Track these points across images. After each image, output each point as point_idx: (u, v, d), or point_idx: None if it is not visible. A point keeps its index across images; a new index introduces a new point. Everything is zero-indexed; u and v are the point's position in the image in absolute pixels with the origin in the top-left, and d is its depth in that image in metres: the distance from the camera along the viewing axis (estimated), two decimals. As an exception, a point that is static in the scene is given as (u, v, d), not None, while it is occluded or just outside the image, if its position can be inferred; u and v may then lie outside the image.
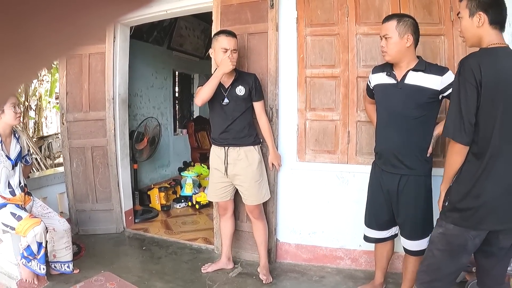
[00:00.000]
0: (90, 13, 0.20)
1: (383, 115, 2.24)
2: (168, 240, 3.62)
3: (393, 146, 2.17)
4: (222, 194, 2.78)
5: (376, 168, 2.31)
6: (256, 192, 2.69)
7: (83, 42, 0.22)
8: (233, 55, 2.51)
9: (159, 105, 5.81)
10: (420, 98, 2.06)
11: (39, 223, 2.46)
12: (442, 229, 1.72)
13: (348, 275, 2.83)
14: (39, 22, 0.19)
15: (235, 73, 2.63)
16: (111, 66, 3.60)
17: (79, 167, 3.69)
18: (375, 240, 2.41)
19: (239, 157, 2.64)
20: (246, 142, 2.65)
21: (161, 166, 5.84)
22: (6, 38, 0.18)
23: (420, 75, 2.07)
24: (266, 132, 2.73)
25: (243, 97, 2.61)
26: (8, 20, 0.18)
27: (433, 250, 1.77)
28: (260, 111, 2.69)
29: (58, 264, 2.76)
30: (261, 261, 2.81)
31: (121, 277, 2.77)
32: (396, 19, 2.07)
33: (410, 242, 2.22)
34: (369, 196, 2.38)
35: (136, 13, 0.22)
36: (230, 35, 2.54)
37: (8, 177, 2.58)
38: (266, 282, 2.70)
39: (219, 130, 2.67)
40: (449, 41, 2.61)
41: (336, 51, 2.84)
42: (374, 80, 2.28)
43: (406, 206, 2.18)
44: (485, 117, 1.57)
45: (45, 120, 7.93)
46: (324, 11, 2.85)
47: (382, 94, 2.24)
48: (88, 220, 3.71)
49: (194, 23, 6.09)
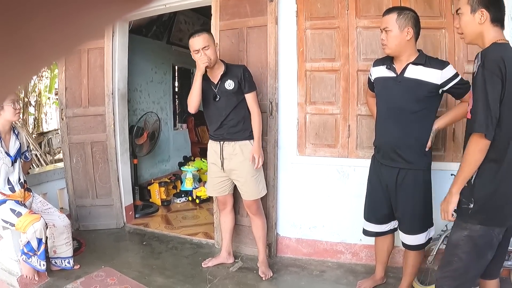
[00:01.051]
0: (90, 14, 0.19)
1: (382, 109, 2.23)
2: (168, 235, 3.62)
3: (392, 139, 2.16)
4: (220, 189, 2.77)
5: (375, 161, 2.31)
6: (253, 187, 2.67)
7: (83, 42, 0.21)
8: (205, 52, 2.47)
9: (158, 100, 5.79)
10: (420, 92, 2.05)
11: (38, 219, 2.46)
12: (467, 231, 1.64)
13: (348, 269, 2.84)
14: (39, 22, 0.18)
15: (224, 67, 2.59)
16: (110, 61, 3.58)
17: (79, 162, 3.69)
18: (375, 234, 2.41)
19: (234, 152, 2.62)
20: (241, 136, 2.62)
21: (161, 161, 5.84)
22: (6, 37, 0.18)
23: (420, 68, 2.05)
24: (255, 124, 2.62)
25: (233, 91, 2.56)
26: (8, 20, 0.17)
27: (459, 254, 1.68)
28: (251, 102, 2.62)
29: (58, 260, 2.76)
30: (260, 256, 2.81)
31: (122, 273, 2.78)
32: (396, 12, 2.05)
33: (408, 236, 2.22)
34: (368, 190, 2.38)
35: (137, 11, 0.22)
36: (196, 35, 2.49)
37: (8, 174, 2.58)
38: (266, 278, 2.70)
39: (214, 127, 2.66)
40: (450, 34, 2.59)
41: (336, 44, 2.82)
42: (375, 73, 2.27)
43: (404, 201, 2.17)
44: (508, 112, 1.53)
45: (44, 116, 7.92)
46: (324, 4, 2.82)
47: (381, 87, 2.23)
48: (88, 215, 3.71)
49: (193, 17, 6.06)
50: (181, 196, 4.79)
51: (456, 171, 2.60)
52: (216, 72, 2.58)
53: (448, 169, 2.57)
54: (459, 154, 2.64)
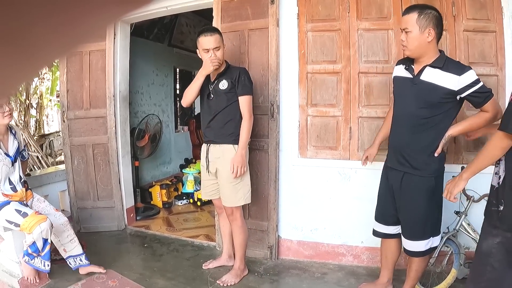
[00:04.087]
0: (90, 12, 0.19)
1: (396, 111, 2.17)
2: (169, 237, 3.61)
3: (399, 143, 2.14)
4: (211, 192, 2.72)
5: (386, 162, 2.30)
6: (229, 193, 2.57)
7: (83, 41, 0.21)
8: (216, 53, 2.44)
9: (160, 102, 5.80)
10: (433, 97, 1.95)
11: (45, 219, 2.46)
12: (498, 238, 1.57)
13: (350, 271, 2.83)
14: (39, 21, 0.18)
15: (225, 67, 2.57)
16: (111, 63, 3.59)
17: (80, 164, 3.69)
18: (383, 235, 2.37)
19: (217, 155, 2.57)
20: (225, 140, 2.54)
21: (162, 163, 5.84)
22: (6, 37, 0.18)
23: (437, 72, 1.94)
24: (243, 129, 2.50)
25: (225, 91, 2.51)
26: (9, 19, 0.17)
27: (492, 263, 1.59)
28: (243, 106, 2.50)
29: (71, 259, 2.73)
30: (235, 263, 2.73)
31: (123, 275, 2.78)
32: (417, 12, 1.91)
33: (407, 241, 2.18)
34: (379, 190, 2.36)
35: (137, 11, 0.22)
36: (209, 34, 2.44)
37: (8, 174, 2.58)
38: (223, 284, 2.61)
39: (203, 126, 2.64)
40: (451, 36, 2.59)
41: (337, 46, 2.83)
42: (395, 72, 2.19)
43: (405, 205, 2.15)
44: None
45: (46, 118, 7.93)
46: (325, 6, 2.83)
47: (397, 88, 2.17)
48: (89, 217, 3.71)
49: (195, 20, 6.08)
50: (183, 198, 4.79)
51: (456, 173, 2.61)
52: (215, 71, 2.56)
53: (449, 171, 2.57)
54: (460, 156, 2.64)
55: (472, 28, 2.57)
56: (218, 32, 2.51)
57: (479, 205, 2.44)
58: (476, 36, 2.57)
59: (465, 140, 2.60)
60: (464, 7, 2.56)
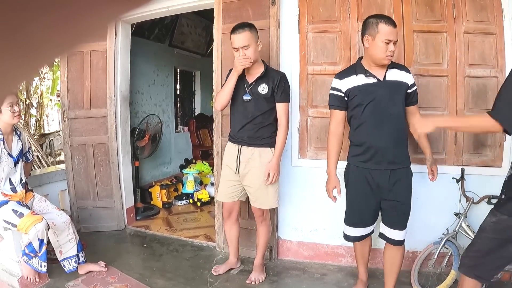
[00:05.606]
0: (90, 11, 0.20)
1: (369, 115, 2.17)
2: (169, 237, 3.62)
3: (386, 144, 2.14)
4: (231, 194, 2.66)
5: (359, 169, 2.25)
6: (264, 196, 2.56)
7: (83, 40, 0.22)
8: (245, 52, 2.35)
9: (160, 102, 5.81)
10: (401, 92, 2.17)
11: (41, 220, 2.46)
12: (495, 218, 1.75)
13: (349, 272, 2.83)
14: (40, 20, 0.18)
15: (263, 69, 2.47)
16: (112, 63, 3.60)
17: (81, 164, 3.70)
18: (358, 238, 2.37)
19: (252, 156, 2.52)
20: (261, 142, 2.50)
21: (162, 163, 5.84)
22: (6, 36, 0.18)
23: (396, 71, 2.18)
24: (280, 137, 2.49)
25: (265, 96, 2.44)
26: (9, 19, 0.17)
27: (483, 237, 1.80)
28: (281, 113, 2.47)
29: (66, 261, 2.71)
30: (256, 260, 2.77)
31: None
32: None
33: (395, 232, 2.23)
34: (353, 196, 2.32)
35: (137, 10, 0.22)
36: (238, 31, 2.35)
37: (10, 174, 2.58)
38: (254, 283, 2.64)
39: (237, 127, 2.55)
40: (451, 38, 2.60)
41: (338, 48, 2.83)
42: (346, 85, 2.22)
43: (397, 198, 2.18)
44: None
45: (46, 118, 7.95)
46: (326, 8, 2.84)
47: (365, 94, 2.17)
48: (89, 217, 3.72)
49: (195, 20, 6.09)
50: (182, 199, 4.80)
51: (456, 174, 2.61)
52: (253, 72, 2.48)
53: (449, 172, 2.58)
54: (460, 158, 2.64)
55: (473, 30, 2.57)
56: (248, 28, 2.38)
57: (478, 207, 2.45)
58: (476, 38, 2.58)
59: (465, 141, 2.61)
60: (464, 9, 2.56)
